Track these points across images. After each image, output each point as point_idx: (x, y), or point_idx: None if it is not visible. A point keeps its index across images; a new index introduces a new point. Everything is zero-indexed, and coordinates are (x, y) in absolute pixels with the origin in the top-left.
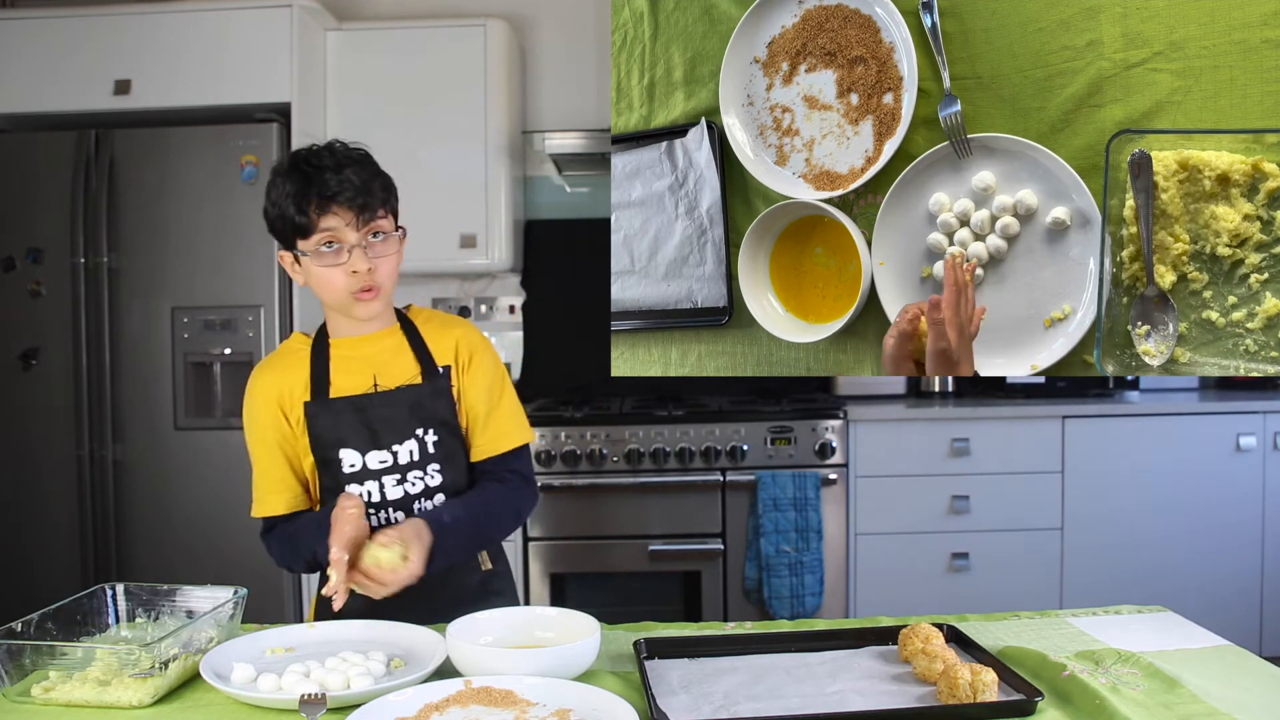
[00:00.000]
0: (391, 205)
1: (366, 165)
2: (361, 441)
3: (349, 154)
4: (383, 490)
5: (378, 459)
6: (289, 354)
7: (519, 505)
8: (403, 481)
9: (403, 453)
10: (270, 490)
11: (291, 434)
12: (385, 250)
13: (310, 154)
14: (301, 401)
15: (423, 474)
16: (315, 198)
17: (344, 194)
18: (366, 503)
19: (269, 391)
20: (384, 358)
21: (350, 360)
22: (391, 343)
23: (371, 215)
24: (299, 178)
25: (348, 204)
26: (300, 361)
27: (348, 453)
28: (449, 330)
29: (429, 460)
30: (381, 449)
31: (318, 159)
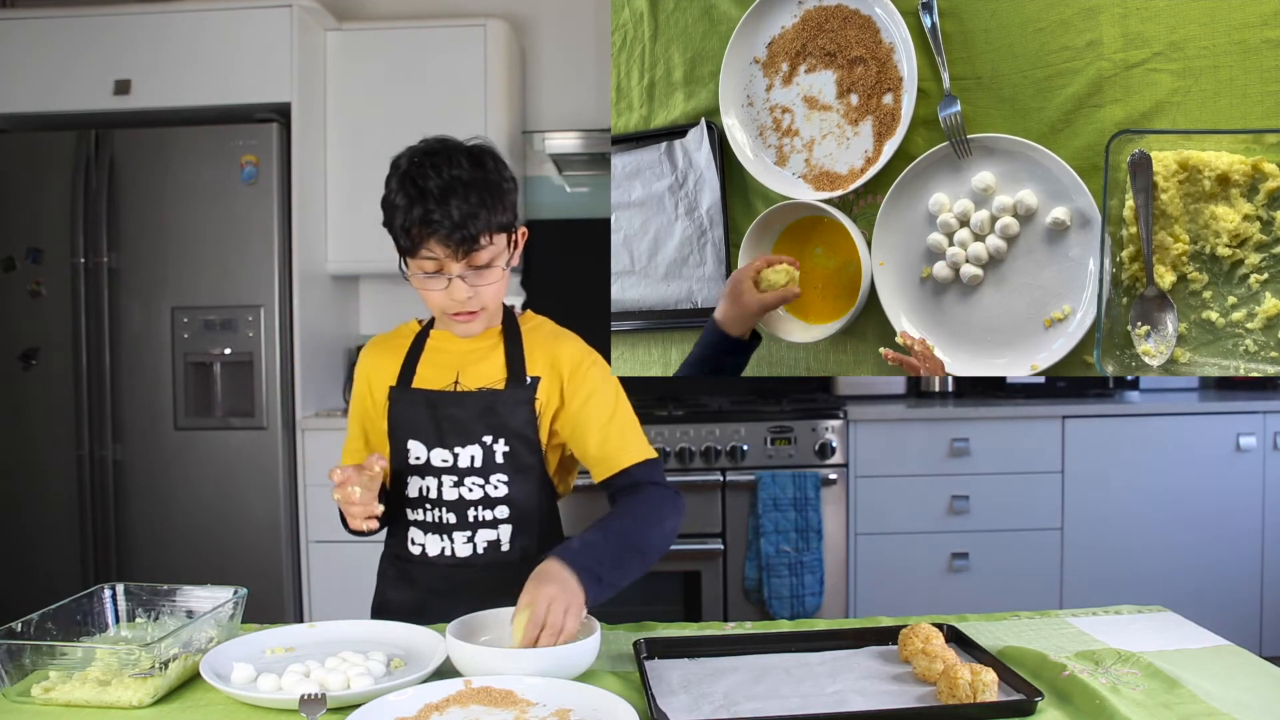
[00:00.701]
0: (499, 224)
1: (473, 187)
2: (429, 436)
3: (456, 173)
4: (440, 488)
5: (440, 457)
6: (395, 337)
7: (664, 514)
8: (459, 485)
9: (464, 456)
10: (347, 458)
11: (374, 414)
12: (489, 278)
13: (418, 168)
14: (388, 385)
15: (484, 481)
16: (418, 223)
17: (443, 229)
18: (424, 497)
19: (367, 368)
20: (473, 357)
21: (440, 354)
22: (486, 344)
23: (472, 247)
24: (405, 194)
25: (445, 240)
26: (401, 346)
27: (415, 444)
28: (555, 342)
29: (494, 469)
30: (445, 448)
31: (423, 177)
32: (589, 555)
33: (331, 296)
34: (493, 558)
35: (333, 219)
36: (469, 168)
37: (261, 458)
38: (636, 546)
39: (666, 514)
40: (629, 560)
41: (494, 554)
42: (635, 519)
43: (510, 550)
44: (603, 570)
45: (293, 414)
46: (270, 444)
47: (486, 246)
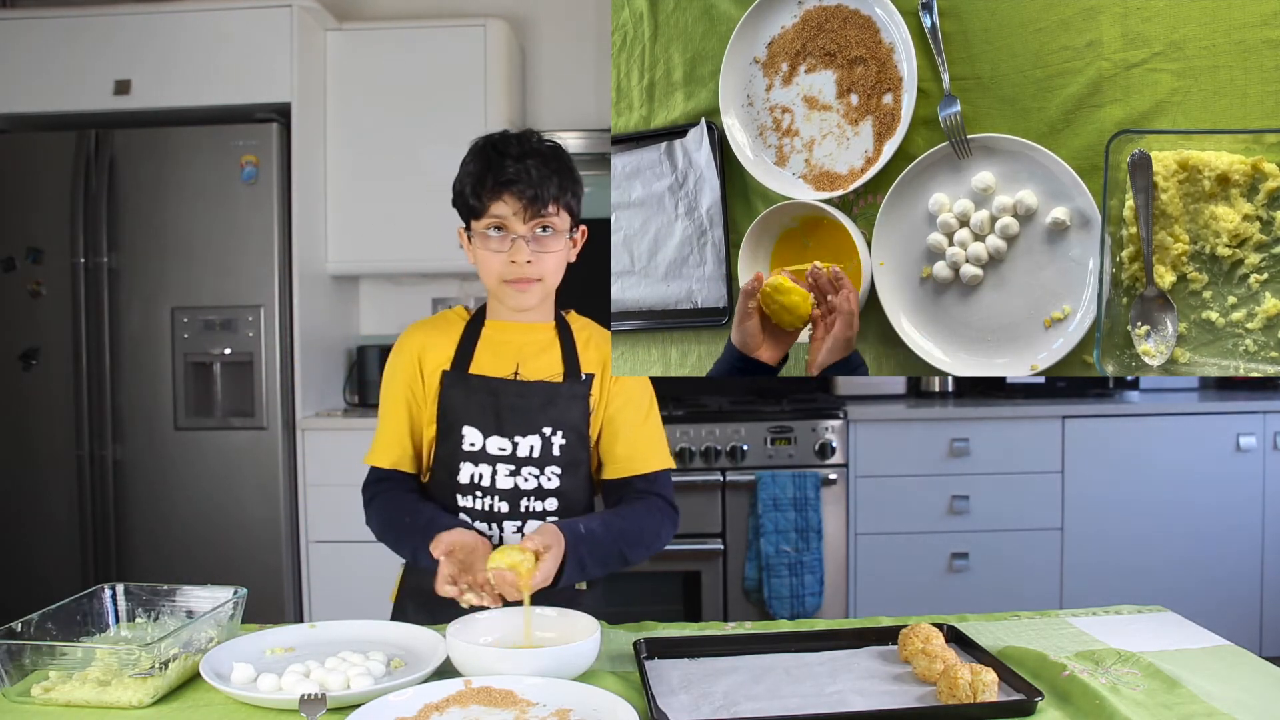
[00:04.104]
0: (567, 202)
1: (551, 160)
2: (487, 424)
3: (537, 145)
4: (494, 476)
5: (497, 445)
6: (445, 321)
7: (658, 529)
8: (515, 474)
9: (523, 445)
10: (386, 443)
11: (423, 398)
12: (551, 246)
13: (500, 139)
14: (441, 369)
15: (539, 472)
16: (491, 182)
17: (518, 184)
18: (475, 484)
19: (414, 350)
20: (531, 350)
21: (498, 343)
22: (543, 337)
23: (542, 208)
24: (482, 160)
25: (519, 194)
26: (453, 331)
27: (470, 430)
28: (601, 343)
29: (550, 461)
30: (504, 436)
31: (504, 145)
32: (587, 544)
33: (331, 296)
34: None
35: (333, 219)
36: (546, 149)
37: (261, 458)
38: (624, 555)
39: (663, 533)
40: (612, 563)
41: None
42: (638, 528)
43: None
44: (589, 562)
45: (293, 414)
46: (270, 444)
47: (554, 215)
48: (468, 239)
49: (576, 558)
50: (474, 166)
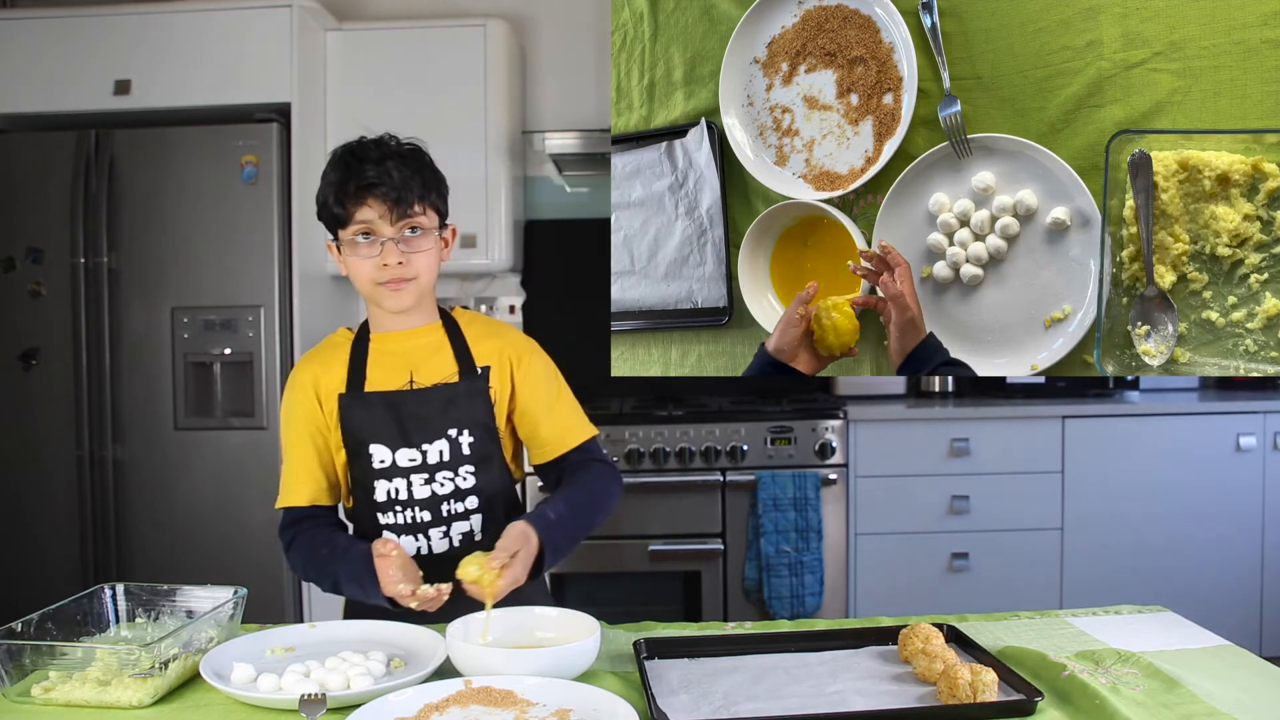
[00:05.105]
0: (433, 201)
1: (410, 160)
2: (392, 437)
3: (396, 148)
4: (410, 488)
5: (407, 456)
6: (331, 347)
7: (610, 489)
8: (430, 481)
9: (432, 452)
10: (297, 482)
11: (325, 426)
12: (421, 245)
13: (358, 146)
14: (337, 394)
15: (453, 475)
16: (353, 188)
17: (380, 187)
18: (394, 500)
19: (308, 382)
20: (422, 355)
21: (388, 355)
22: (431, 340)
23: (407, 209)
24: (342, 168)
25: (382, 198)
26: (340, 355)
27: (378, 448)
28: (494, 333)
29: (461, 461)
30: (411, 446)
31: (363, 151)
32: (559, 529)
33: (331, 296)
34: (468, 549)
35: None
36: (406, 151)
37: (261, 458)
38: (588, 524)
39: (614, 491)
40: (580, 535)
41: (469, 545)
42: (592, 496)
43: (483, 539)
44: (563, 545)
45: None
46: (270, 444)
47: (421, 215)
48: (337, 250)
49: (552, 545)
50: (334, 175)
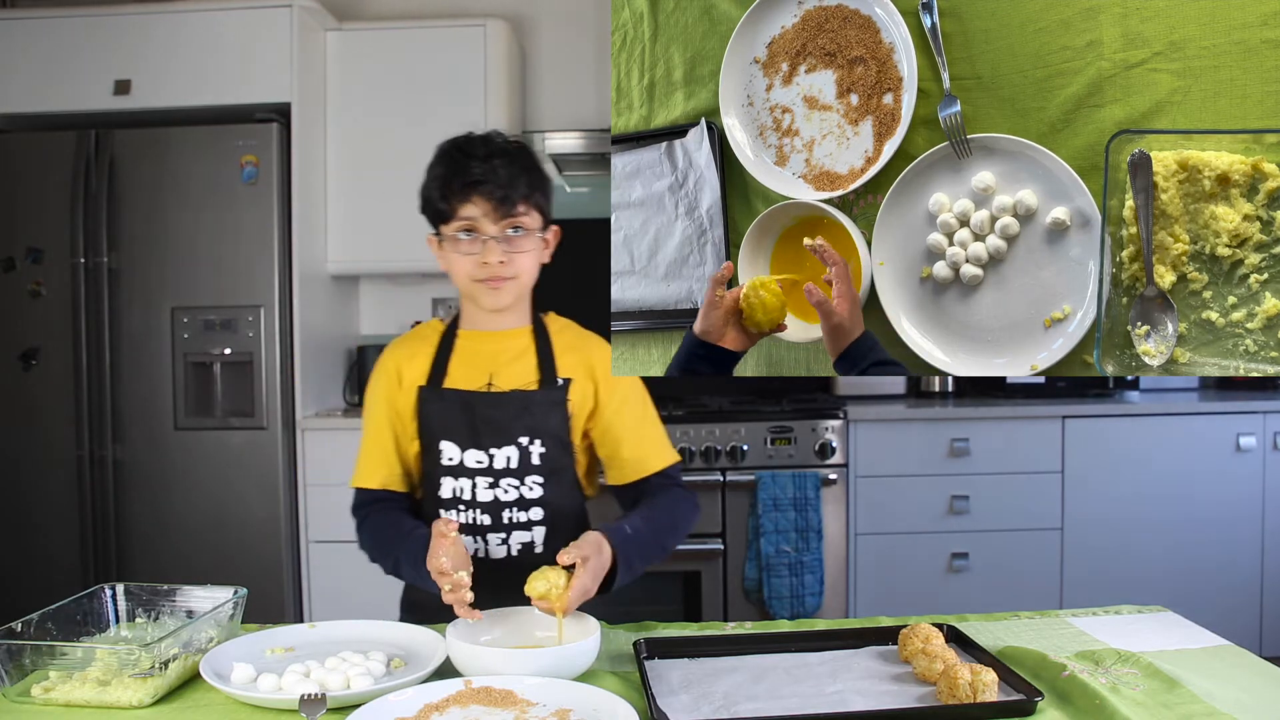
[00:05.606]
0: (537, 201)
1: (518, 159)
2: (463, 437)
3: (503, 145)
4: (474, 490)
5: (474, 458)
6: (420, 337)
7: (688, 515)
8: (494, 486)
9: (500, 457)
10: (372, 464)
11: (405, 412)
12: (524, 245)
13: (465, 141)
14: (417, 385)
15: (519, 483)
16: (458, 185)
17: (486, 185)
18: (458, 499)
19: (392, 369)
20: (504, 358)
21: (471, 354)
22: (517, 344)
23: (511, 209)
24: (448, 163)
25: (487, 195)
26: (427, 347)
27: (448, 445)
28: (583, 345)
29: (529, 470)
30: (480, 449)
31: (470, 147)
32: (634, 545)
33: (331, 296)
34: (527, 559)
35: (333, 219)
36: (513, 148)
37: (261, 458)
38: (664, 546)
39: (692, 518)
40: (654, 557)
41: (528, 556)
42: (672, 519)
43: (544, 552)
44: (636, 562)
45: (293, 414)
46: (270, 444)
47: (525, 214)
48: (438, 244)
49: (626, 560)
50: (440, 170)
